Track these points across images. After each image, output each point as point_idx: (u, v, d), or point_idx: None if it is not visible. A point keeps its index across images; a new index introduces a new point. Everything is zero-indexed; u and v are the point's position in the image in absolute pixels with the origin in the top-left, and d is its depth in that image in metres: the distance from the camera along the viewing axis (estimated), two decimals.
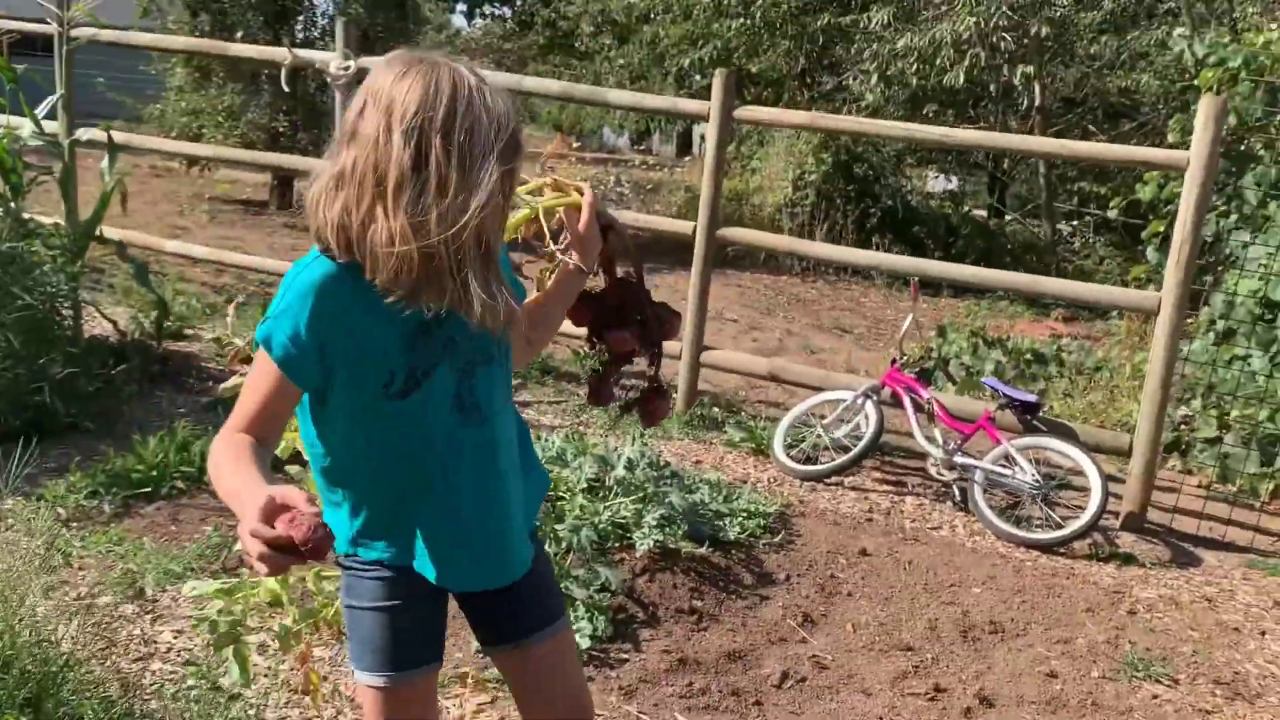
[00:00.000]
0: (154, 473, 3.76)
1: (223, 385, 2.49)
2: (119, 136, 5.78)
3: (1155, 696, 3.11)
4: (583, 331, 1.79)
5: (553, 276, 1.70)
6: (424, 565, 1.57)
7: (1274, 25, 8.54)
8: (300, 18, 12.28)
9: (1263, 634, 3.68)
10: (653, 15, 15.35)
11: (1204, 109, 4.27)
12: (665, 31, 14.74)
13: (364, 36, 8.19)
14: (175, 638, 2.85)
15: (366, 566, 1.59)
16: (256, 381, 1.46)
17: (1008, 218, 15.56)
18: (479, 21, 28.48)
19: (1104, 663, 3.29)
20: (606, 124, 28.06)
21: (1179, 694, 3.15)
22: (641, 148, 30.88)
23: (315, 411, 1.53)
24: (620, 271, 1.77)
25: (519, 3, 27.83)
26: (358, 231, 1.37)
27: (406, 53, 1.42)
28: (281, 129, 11.55)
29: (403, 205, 1.34)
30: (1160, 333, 4.44)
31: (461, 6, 27.31)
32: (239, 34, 11.44)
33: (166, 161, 13.86)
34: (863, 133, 8.26)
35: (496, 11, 29.32)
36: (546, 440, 4.05)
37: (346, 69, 5.63)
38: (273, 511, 1.25)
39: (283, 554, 1.23)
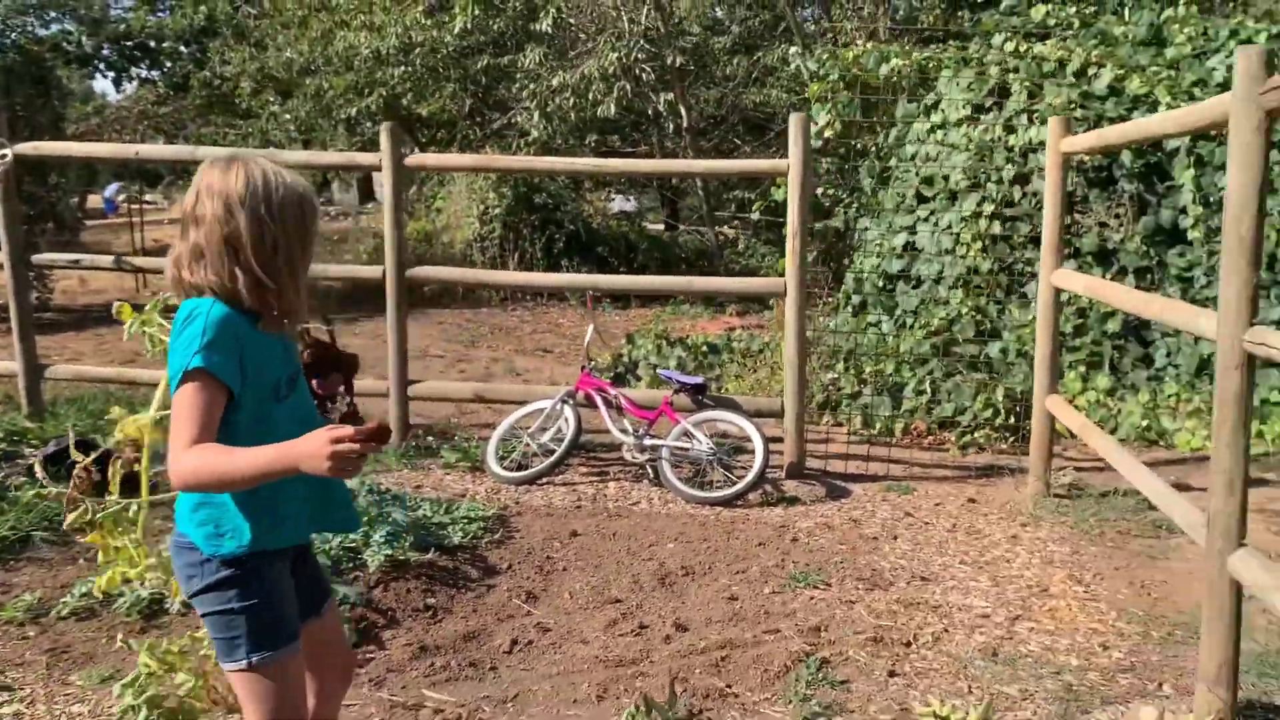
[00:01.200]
0: None
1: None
2: None
3: (812, 598, 3.85)
4: None
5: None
6: (329, 525, 2.11)
7: (860, 40, 10.03)
8: None
9: (895, 538, 4.57)
10: (314, 68, 15.41)
11: (794, 125, 5.18)
12: (329, 83, 14.86)
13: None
14: None
15: (259, 560, 1.96)
16: (197, 401, 1.82)
17: (682, 229, 16.87)
18: (128, 87, 27.03)
19: (774, 581, 4.00)
20: None
21: (831, 593, 3.91)
22: (322, 199, 30.34)
23: (226, 428, 1.88)
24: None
25: (169, 65, 26.70)
26: (229, 285, 1.88)
27: (226, 153, 1.95)
28: None
29: (254, 260, 1.88)
30: (789, 311, 5.30)
31: (108, 71, 25.84)
32: None
33: None
34: (528, 169, 8.91)
35: (144, 75, 27.96)
36: None
37: (3, 157, 5.54)
38: (335, 439, 1.73)
39: (362, 450, 1.74)
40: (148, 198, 24.83)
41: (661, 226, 18.18)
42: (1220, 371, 2.86)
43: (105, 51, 26.39)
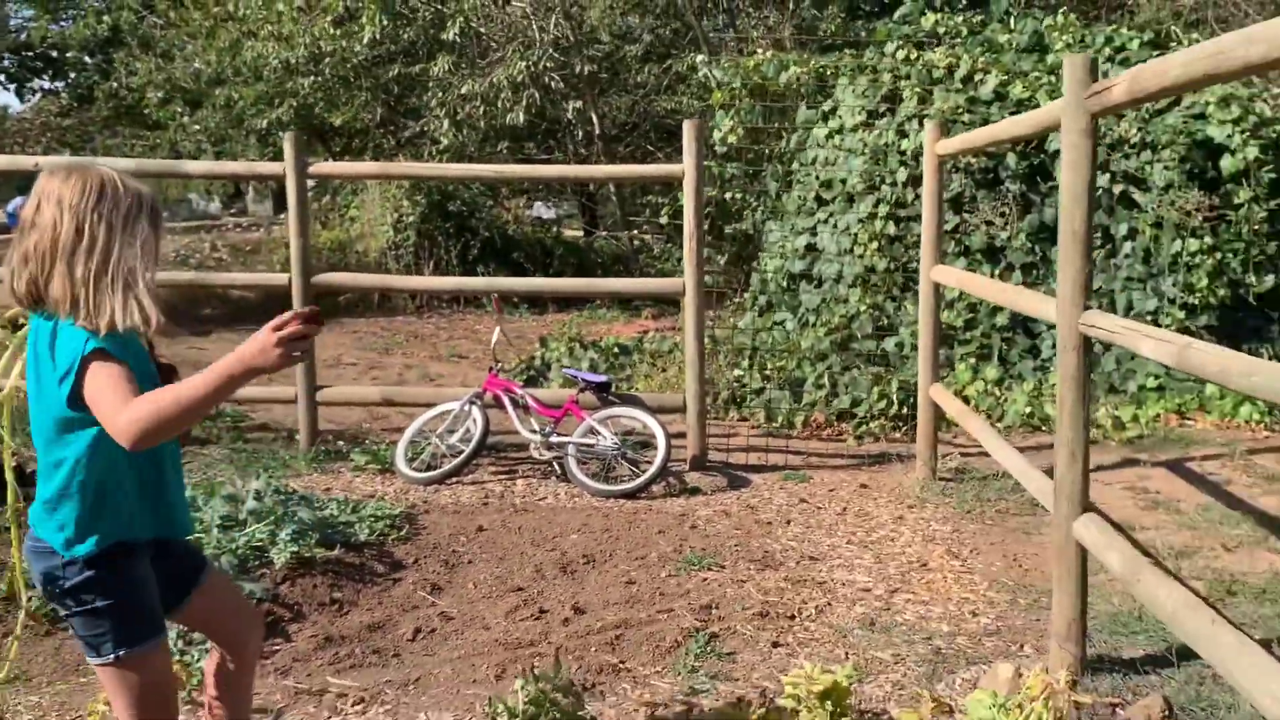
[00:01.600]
0: None
1: None
2: None
3: (706, 579, 4.05)
4: None
5: None
6: (167, 528, 2.13)
7: (758, 50, 10.32)
8: None
9: (788, 523, 4.80)
10: (223, 78, 15.26)
11: (687, 131, 5.39)
12: (239, 94, 14.74)
13: None
14: None
15: (118, 555, 2.04)
16: (112, 373, 1.89)
17: (600, 235, 17.05)
18: (31, 98, 26.34)
19: (670, 565, 4.19)
20: (193, 190, 26.97)
21: (724, 574, 4.11)
22: (234, 210, 29.91)
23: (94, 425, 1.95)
24: None
25: (72, 75, 26.11)
26: (48, 291, 1.94)
27: (65, 161, 2.02)
28: None
29: (79, 265, 1.93)
30: (688, 310, 5.51)
31: (8, 83, 25.16)
32: None
33: None
34: (431, 175, 9.02)
35: (47, 86, 27.29)
36: None
37: None
38: (276, 327, 1.84)
39: (305, 332, 1.86)
40: None
41: (581, 232, 18.35)
42: (1060, 353, 3.13)
43: (5, 62, 25.72)
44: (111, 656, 2.04)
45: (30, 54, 26.65)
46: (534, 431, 5.60)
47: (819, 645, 3.49)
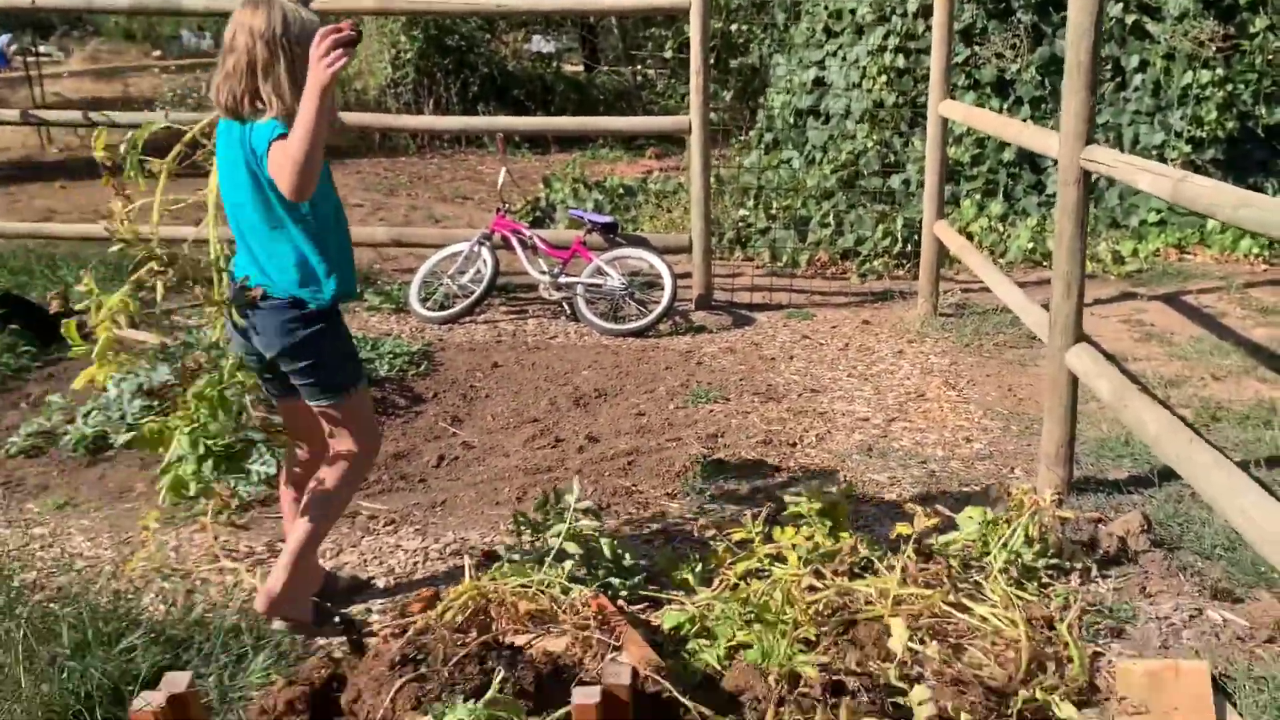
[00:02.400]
0: None
1: None
2: None
3: (712, 410, 4.23)
4: None
5: None
6: (354, 284, 2.64)
7: None
8: None
9: (791, 359, 4.96)
10: None
11: None
12: None
13: None
14: None
15: (338, 309, 2.55)
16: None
17: (602, 70, 16.68)
18: None
19: (678, 399, 4.37)
20: (185, 27, 26.24)
21: (729, 406, 4.30)
22: None
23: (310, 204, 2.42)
24: None
25: None
26: (245, 101, 2.39)
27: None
28: None
29: (271, 80, 2.37)
30: (694, 148, 5.51)
31: None
32: None
33: None
34: (426, 10, 8.82)
35: None
36: (197, 334, 4.50)
37: None
38: (325, 35, 2.18)
39: (340, 40, 2.16)
40: (42, 49, 23.64)
41: (580, 68, 17.93)
42: (1061, 187, 3.20)
43: None
44: (345, 393, 2.56)
45: None
46: (543, 272, 5.71)
47: (819, 470, 3.69)
